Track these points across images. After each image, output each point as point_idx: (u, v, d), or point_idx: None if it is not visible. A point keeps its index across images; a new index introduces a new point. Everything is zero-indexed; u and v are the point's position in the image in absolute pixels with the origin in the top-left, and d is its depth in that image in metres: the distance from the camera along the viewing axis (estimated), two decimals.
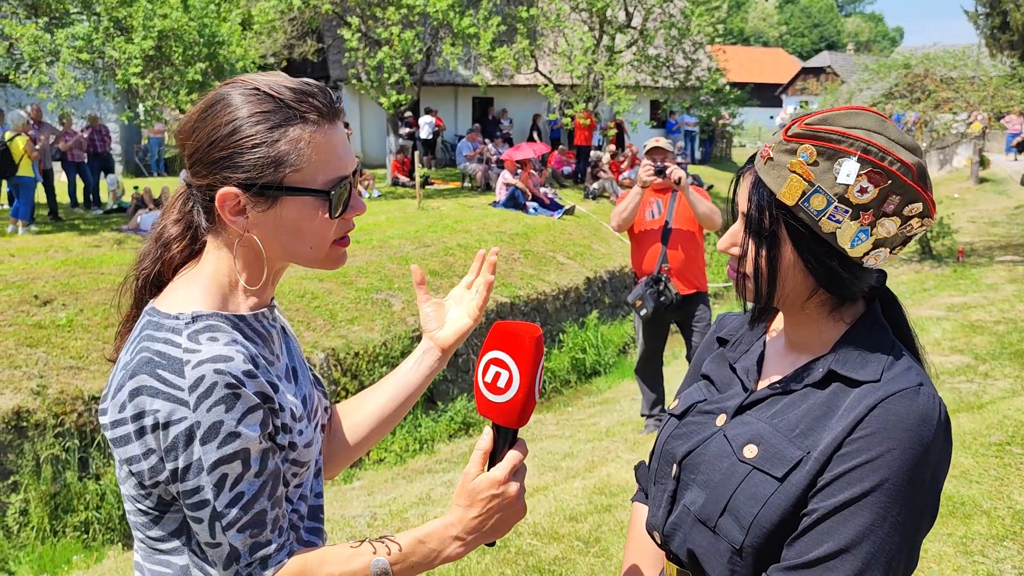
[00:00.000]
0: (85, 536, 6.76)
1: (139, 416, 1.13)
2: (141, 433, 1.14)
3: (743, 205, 1.23)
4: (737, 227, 1.25)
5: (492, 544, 1.28)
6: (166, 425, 1.12)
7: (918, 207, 1.13)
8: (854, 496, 1.08)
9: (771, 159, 1.19)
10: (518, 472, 1.25)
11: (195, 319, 1.18)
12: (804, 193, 1.14)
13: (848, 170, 1.11)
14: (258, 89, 1.20)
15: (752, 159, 1.25)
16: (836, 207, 1.13)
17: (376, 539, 1.23)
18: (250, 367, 1.16)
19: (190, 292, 1.23)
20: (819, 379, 1.20)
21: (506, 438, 1.24)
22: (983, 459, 4.63)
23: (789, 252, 1.19)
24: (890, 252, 1.17)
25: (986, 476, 4.40)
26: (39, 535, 6.58)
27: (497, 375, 1.20)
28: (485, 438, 1.24)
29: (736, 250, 1.24)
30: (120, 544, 6.76)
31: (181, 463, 1.13)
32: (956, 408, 5.77)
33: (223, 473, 1.14)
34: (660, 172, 5.46)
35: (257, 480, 1.17)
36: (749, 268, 1.22)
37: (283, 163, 1.19)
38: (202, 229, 1.28)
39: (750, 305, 1.30)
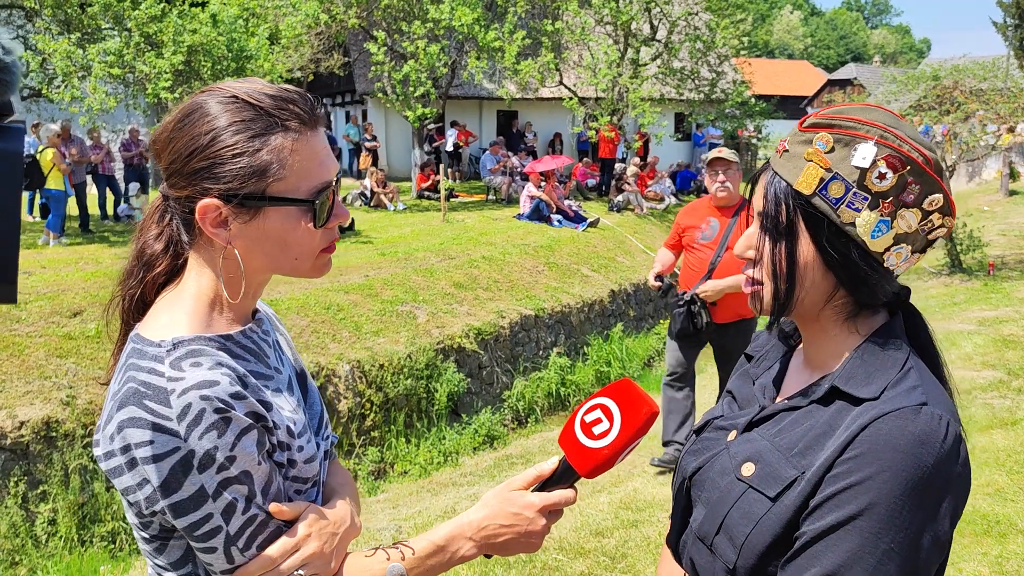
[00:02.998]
0: (112, 546, 6.80)
1: (127, 448, 1.09)
2: (132, 464, 1.10)
3: (759, 203, 1.19)
4: (753, 229, 1.21)
5: (489, 556, 1.28)
6: (158, 458, 1.07)
7: (939, 199, 1.10)
8: (840, 520, 1.03)
9: (786, 151, 1.16)
10: (554, 512, 1.24)
11: (176, 345, 1.14)
12: (822, 180, 1.11)
13: (864, 153, 1.08)
14: (236, 97, 1.15)
15: (767, 164, 1.22)
16: (855, 194, 1.09)
17: (390, 545, 1.22)
18: (238, 388, 1.12)
19: (173, 315, 1.19)
20: (822, 396, 1.15)
21: (566, 476, 1.24)
22: (1018, 477, 4.53)
23: (807, 246, 1.14)
24: (911, 253, 1.13)
25: (1022, 495, 4.31)
26: (67, 545, 6.64)
27: (598, 420, 1.21)
28: (549, 465, 1.24)
29: (752, 252, 1.20)
30: None
31: (183, 494, 1.09)
32: (989, 424, 5.67)
33: (232, 498, 1.11)
34: (665, 293, 5.49)
35: (265, 500, 1.15)
36: (767, 269, 1.17)
37: (265, 173, 1.14)
38: (184, 244, 1.23)
39: (764, 319, 1.27)
